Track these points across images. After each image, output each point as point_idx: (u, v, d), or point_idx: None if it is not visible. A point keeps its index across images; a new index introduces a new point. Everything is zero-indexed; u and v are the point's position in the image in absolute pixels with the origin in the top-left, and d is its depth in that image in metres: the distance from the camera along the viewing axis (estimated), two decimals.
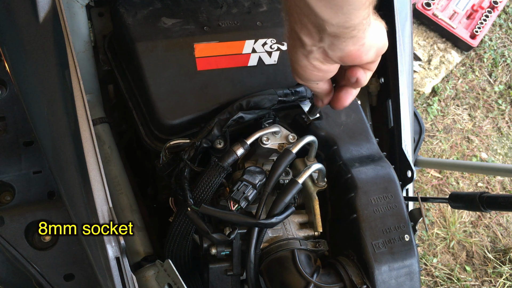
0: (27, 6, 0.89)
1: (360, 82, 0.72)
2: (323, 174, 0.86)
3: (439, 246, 2.42)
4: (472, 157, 2.71)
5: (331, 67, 0.69)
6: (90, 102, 1.12)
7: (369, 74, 0.72)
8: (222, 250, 0.82)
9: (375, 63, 0.71)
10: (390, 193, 0.84)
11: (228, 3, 1.05)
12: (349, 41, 0.62)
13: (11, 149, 1.00)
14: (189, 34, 0.97)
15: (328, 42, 0.62)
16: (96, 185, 0.79)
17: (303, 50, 0.65)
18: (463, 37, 2.84)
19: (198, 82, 0.92)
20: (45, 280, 0.90)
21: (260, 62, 0.97)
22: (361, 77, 0.71)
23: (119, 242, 0.77)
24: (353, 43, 0.62)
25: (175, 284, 0.79)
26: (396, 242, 0.80)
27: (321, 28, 0.59)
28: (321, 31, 0.60)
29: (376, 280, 0.77)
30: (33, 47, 0.90)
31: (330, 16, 0.57)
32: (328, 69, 0.69)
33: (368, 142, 0.91)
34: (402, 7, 1.18)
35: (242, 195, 0.77)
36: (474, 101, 2.90)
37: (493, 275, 2.38)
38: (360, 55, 0.65)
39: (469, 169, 2.17)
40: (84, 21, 1.07)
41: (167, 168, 0.85)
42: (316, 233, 0.87)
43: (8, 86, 1.03)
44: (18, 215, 0.92)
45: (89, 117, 0.82)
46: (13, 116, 1.02)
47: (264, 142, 0.84)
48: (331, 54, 0.64)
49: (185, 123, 0.90)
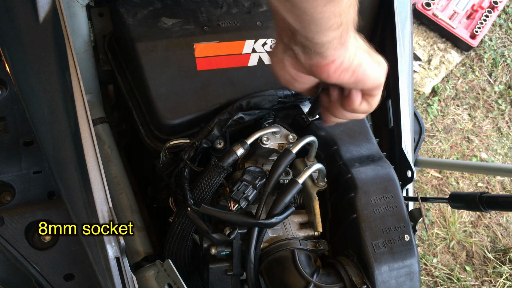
0: (27, 6, 0.89)
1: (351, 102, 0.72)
2: (323, 174, 0.86)
3: (439, 246, 2.42)
4: (472, 157, 2.71)
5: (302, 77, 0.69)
6: (90, 102, 1.12)
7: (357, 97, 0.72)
8: (222, 250, 0.82)
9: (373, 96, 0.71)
10: (390, 193, 0.84)
11: (228, 3, 1.05)
12: (318, 54, 0.62)
13: (11, 149, 0.99)
14: (189, 34, 0.97)
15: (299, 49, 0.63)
16: (96, 185, 0.79)
17: (282, 45, 0.66)
18: (463, 37, 2.84)
19: (198, 82, 0.92)
20: (45, 280, 0.90)
21: (260, 62, 0.97)
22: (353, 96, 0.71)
23: (119, 242, 0.77)
24: (322, 57, 0.63)
25: (175, 284, 0.79)
26: (396, 242, 0.80)
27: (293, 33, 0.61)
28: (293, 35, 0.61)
29: (376, 280, 0.77)
30: (33, 47, 0.90)
31: (299, 28, 0.59)
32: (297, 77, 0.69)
33: (368, 142, 0.91)
34: (402, 7, 1.17)
35: (242, 195, 0.77)
36: (474, 101, 2.90)
37: (493, 275, 2.38)
38: (329, 71, 0.64)
39: (469, 169, 2.18)
40: (84, 21, 1.07)
41: (167, 168, 0.85)
42: (316, 233, 0.87)
43: (8, 86, 1.03)
44: (18, 215, 0.92)
45: (89, 117, 0.82)
46: (13, 116, 1.02)
47: (264, 142, 0.84)
48: (302, 60, 0.65)
49: (185, 123, 0.90)
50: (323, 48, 0.61)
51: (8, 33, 0.94)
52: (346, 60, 0.64)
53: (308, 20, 0.57)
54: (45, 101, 0.89)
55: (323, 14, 0.55)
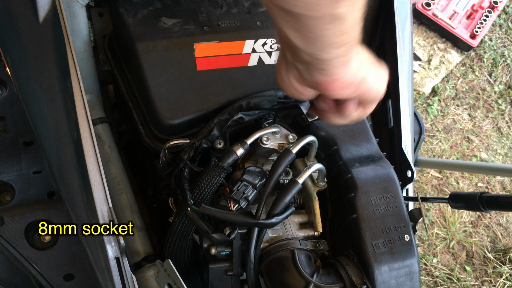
0: (27, 6, 0.89)
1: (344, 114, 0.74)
2: (323, 174, 0.86)
3: (439, 246, 2.42)
4: (472, 157, 2.71)
5: (306, 90, 0.70)
6: (90, 102, 1.12)
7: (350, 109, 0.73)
8: (222, 250, 0.82)
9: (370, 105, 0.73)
10: (390, 193, 0.84)
11: (228, 3, 1.05)
12: (321, 71, 0.62)
13: (11, 149, 0.99)
14: (189, 34, 0.97)
15: (302, 66, 0.64)
16: (96, 185, 0.79)
17: (285, 63, 0.67)
18: (463, 37, 2.84)
19: (198, 82, 0.92)
20: (45, 280, 0.90)
21: (260, 62, 0.97)
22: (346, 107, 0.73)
23: (119, 242, 0.77)
24: (325, 75, 0.63)
25: (175, 284, 0.79)
26: (396, 242, 0.80)
27: (296, 51, 0.61)
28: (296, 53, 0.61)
29: (376, 280, 0.77)
30: (33, 47, 0.90)
31: (303, 46, 0.58)
32: (303, 91, 0.70)
33: (368, 142, 0.91)
34: (402, 7, 1.17)
35: (242, 195, 0.77)
36: (474, 101, 2.90)
37: (493, 275, 2.38)
38: (333, 88, 0.65)
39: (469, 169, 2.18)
40: (84, 21, 1.07)
41: (167, 168, 0.85)
42: (316, 233, 0.87)
43: (8, 86, 1.03)
44: (18, 215, 0.92)
45: (89, 117, 0.82)
46: (13, 116, 1.02)
47: (264, 142, 0.84)
48: (306, 77, 0.65)
49: (185, 123, 0.90)
50: (327, 65, 0.61)
51: (8, 33, 0.94)
52: (350, 77, 0.64)
53: (312, 37, 0.57)
54: (45, 101, 0.89)
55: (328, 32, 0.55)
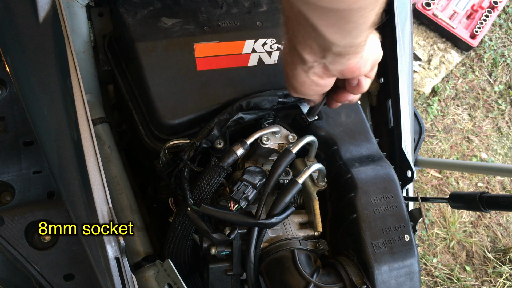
0: (27, 6, 0.89)
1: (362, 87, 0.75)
2: (323, 174, 0.86)
3: (439, 246, 2.42)
4: (472, 157, 2.71)
5: (329, 81, 0.71)
6: (90, 102, 1.12)
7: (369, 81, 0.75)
8: (222, 250, 0.82)
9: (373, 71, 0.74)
10: (390, 193, 0.84)
11: (228, 3, 1.05)
12: (351, 56, 0.64)
13: (11, 149, 0.99)
14: (189, 34, 0.97)
15: (330, 59, 0.64)
16: (96, 185, 0.79)
17: (303, 66, 0.67)
18: (463, 37, 2.84)
19: (198, 82, 0.92)
20: (45, 280, 0.90)
21: (260, 62, 0.97)
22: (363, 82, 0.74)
23: (119, 242, 0.77)
24: (354, 58, 0.65)
25: (175, 284, 0.79)
26: (396, 242, 0.80)
27: (327, 48, 0.61)
28: (325, 50, 0.62)
29: (376, 280, 0.77)
30: (33, 47, 0.90)
31: (338, 39, 0.59)
32: (325, 84, 0.71)
33: (368, 142, 0.91)
34: (402, 7, 1.17)
35: (242, 195, 0.77)
36: (474, 101, 2.90)
37: (493, 275, 2.38)
38: (359, 67, 0.67)
39: (469, 169, 2.17)
40: (84, 21, 1.07)
41: (167, 168, 0.85)
42: (316, 233, 0.87)
43: (8, 86, 1.03)
44: (18, 215, 0.92)
45: (89, 117, 0.82)
46: (13, 116, 1.02)
47: (264, 142, 0.84)
48: (332, 69, 0.66)
49: (185, 123, 0.90)
50: (358, 48, 0.63)
51: (8, 33, 0.94)
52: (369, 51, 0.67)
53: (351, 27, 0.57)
54: (45, 101, 0.89)
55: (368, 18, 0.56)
